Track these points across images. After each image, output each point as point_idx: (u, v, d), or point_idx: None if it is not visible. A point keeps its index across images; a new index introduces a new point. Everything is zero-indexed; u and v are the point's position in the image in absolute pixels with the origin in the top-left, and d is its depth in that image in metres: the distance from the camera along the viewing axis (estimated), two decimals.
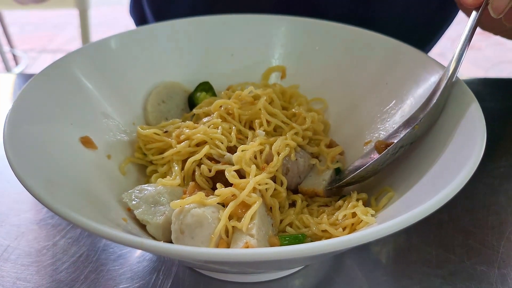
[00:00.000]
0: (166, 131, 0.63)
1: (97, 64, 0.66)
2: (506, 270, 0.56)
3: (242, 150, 0.57)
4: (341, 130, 0.69)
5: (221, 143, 0.59)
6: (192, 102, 0.71)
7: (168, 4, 0.99)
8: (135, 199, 0.54)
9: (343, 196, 0.59)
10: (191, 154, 0.59)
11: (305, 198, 0.61)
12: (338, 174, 0.62)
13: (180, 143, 0.60)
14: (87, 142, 0.58)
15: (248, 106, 0.64)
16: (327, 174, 0.61)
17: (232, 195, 0.51)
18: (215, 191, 0.52)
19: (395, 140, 0.56)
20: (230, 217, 0.50)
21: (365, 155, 0.60)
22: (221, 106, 0.64)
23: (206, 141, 0.59)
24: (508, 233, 0.61)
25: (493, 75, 2.86)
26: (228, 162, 0.57)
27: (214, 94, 0.72)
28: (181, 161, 0.60)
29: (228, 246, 0.49)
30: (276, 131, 0.64)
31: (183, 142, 0.60)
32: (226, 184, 0.54)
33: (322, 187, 0.60)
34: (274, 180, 0.57)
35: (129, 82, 0.68)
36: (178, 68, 0.73)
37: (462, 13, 0.74)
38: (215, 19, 0.75)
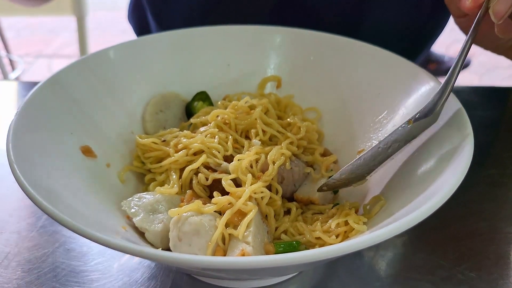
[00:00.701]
0: (164, 140, 0.64)
1: (97, 75, 0.67)
2: (495, 276, 0.57)
3: (239, 159, 0.58)
4: (335, 139, 0.70)
5: (218, 152, 0.60)
6: (190, 112, 0.72)
7: (168, 5, 1.01)
8: (134, 207, 0.55)
9: (337, 204, 0.60)
10: (189, 163, 0.60)
11: (300, 206, 0.62)
12: (330, 177, 0.63)
13: (178, 152, 0.61)
14: (87, 151, 0.60)
15: (244, 116, 0.65)
16: (322, 182, 0.63)
17: (229, 203, 0.53)
18: (212, 200, 0.54)
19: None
20: (227, 225, 0.51)
21: (356, 160, 0.61)
22: (218, 116, 0.65)
23: (203, 150, 0.60)
24: (498, 240, 0.63)
25: (487, 81, 2.88)
26: (225, 171, 0.58)
27: (211, 104, 0.73)
28: (179, 170, 0.61)
29: (225, 253, 0.51)
30: (272, 140, 0.65)
31: (181, 151, 0.61)
32: (223, 193, 0.55)
33: (317, 195, 0.61)
34: (270, 189, 0.59)
35: (128, 92, 0.70)
36: (176, 78, 0.74)
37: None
38: (212, 30, 0.77)
